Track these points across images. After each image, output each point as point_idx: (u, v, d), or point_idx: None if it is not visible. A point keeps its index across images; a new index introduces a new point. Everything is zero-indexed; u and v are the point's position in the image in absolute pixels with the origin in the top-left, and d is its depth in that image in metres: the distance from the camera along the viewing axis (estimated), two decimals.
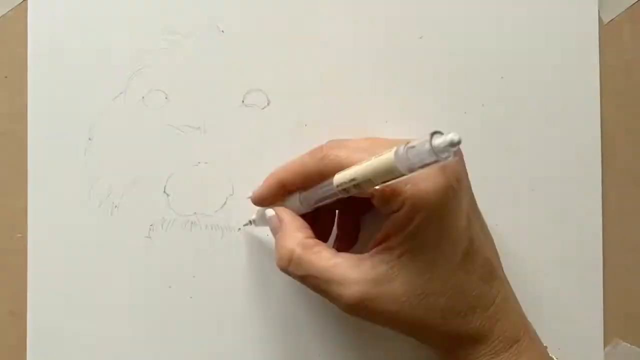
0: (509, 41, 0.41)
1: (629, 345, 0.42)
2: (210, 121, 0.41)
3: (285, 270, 0.35)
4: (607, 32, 0.42)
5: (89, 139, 0.41)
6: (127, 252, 0.41)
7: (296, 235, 0.35)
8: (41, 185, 0.40)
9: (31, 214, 0.40)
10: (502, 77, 0.41)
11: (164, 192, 0.40)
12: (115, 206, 0.41)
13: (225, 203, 0.41)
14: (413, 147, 0.28)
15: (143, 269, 0.41)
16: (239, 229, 0.40)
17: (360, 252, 0.34)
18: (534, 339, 0.35)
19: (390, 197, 0.32)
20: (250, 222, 0.39)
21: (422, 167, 0.28)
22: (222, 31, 0.41)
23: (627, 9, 0.42)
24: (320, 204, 0.35)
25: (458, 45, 0.41)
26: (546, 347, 0.36)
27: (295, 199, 0.36)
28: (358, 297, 0.33)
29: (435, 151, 0.27)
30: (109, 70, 0.40)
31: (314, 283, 0.34)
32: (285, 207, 0.37)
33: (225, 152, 0.40)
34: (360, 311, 0.33)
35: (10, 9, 0.41)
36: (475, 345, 0.34)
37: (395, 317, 0.33)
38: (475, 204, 0.35)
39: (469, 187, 0.35)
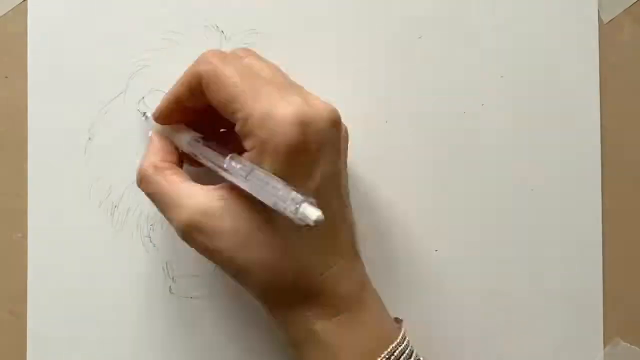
0: (509, 41, 0.41)
1: (628, 345, 0.42)
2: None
3: (138, 186, 0.36)
4: (607, 32, 0.42)
5: (89, 138, 0.41)
6: (127, 252, 0.41)
7: (154, 156, 0.36)
8: (41, 185, 0.40)
9: (31, 214, 0.40)
10: (502, 77, 0.41)
11: None
12: (115, 206, 0.41)
13: None
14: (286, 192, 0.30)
15: (143, 269, 0.41)
16: (138, 110, 0.40)
17: None
18: (370, 309, 0.35)
19: (246, 136, 0.32)
20: (144, 115, 0.40)
21: (281, 212, 0.29)
22: (222, 31, 0.41)
23: (627, 8, 0.42)
24: (199, 158, 0.35)
25: (458, 45, 0.41)
26: (400, 321, 0.36)
27: (186, 139, 0.36)
28: (186, 223, 0.33)
29: (298, 213, 0.29)
30: (109, 70, 0.40)
31: (158, 204, 0.35)
32: (176, 137, 0.37)
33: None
34: (188, 238, 0.34)
35: (10, 9, 0.41)
36: (300, 306, 0.34)
37: (219, 254, 0.33)
38: (340, 183, 0.35)
39: (334, 159, 0.34)
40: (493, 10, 0.41)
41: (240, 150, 0.33)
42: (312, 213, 0.28)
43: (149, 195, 0.36)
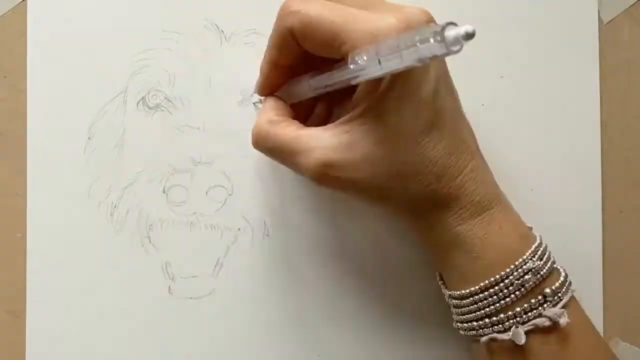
0: (509, 41, 0.41)
1: (628, 345, 0.42)
2: (210, 121, 0.41)
3: (256, 146, 0.36)
4: (607, 32, 0.42)
5: (89, 138, 0.41)
6: (127, 252, 0.40)
7: (268, 113, 0.36)
8: (41, 185, 0.40)
9: (31, 214, 0.40)
10: (502, 77, 0.41)
11: (164, 192, 0.40)
12: (115, 206, 0.41)
13: (224, 203, 0.41)
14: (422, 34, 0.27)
15: (142, 269, 0.41)
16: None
17: None
18: (507, 209, 0.35)
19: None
20: (257, 103, 0.40)
21: (431, 59, 0.27)
22: (222, 31, 0.41)
23: (627, 9, 0.42)
24: (330, 89, 0.35)
25: None
26: (530, 228, 0.36)
27: (306, 84, 0.36)
28: (319, 164, 0.33)
29: (447, 45, 0.26)
30: (109, 69, 0.40)
31: (280, 156, 0.35)
32: (294, 92, 0.37)
33: (225, 152, 0.40)
34: (323, 179, 0.33)
35: (10, 9, 0.41)
36: (442, 210, 0.34)
37: (357, 184, 0.33)
38: (449, 81, 0.35)
39: (442, 63, 0.34)
40: (493, 10, 0.41)
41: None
42: (459, 30, 0.26)
43: (269, 150, 0.35)
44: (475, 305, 0.34)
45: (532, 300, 0.33)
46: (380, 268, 0.41)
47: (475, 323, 0.34)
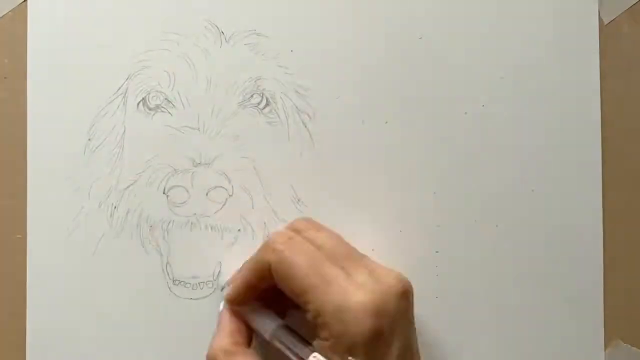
0: (509, 41, 0.41)
1: (629, 346, 0.41)
2: (210, 122, 0.41)
3: None
4: (608, 32, 0.42)
5: (89, 139, 0.41)
6: (127, 253, 0.40)
7: (224, 339, 0.37)
8: (40, 186, 0.40)
9: (30, 214, 0.40)
10: (502, 77, 0.41)
11: (164, 193, 0.40)
12: (115, 207, 0.40)
13: (224, 204, 0.40)
14: None
15: (143, 270, 0.40)
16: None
17: None
18: None
19: (320, 326, 0.33)
20: (222, 289, 0.40)
21: None
22: (222, 32, 0.41)
23: (628, 9, 0.42)
24: (285, 350, 0.36)
25: (458, 45, 0.41)
26: None
27: (268, 327, 0.36)
28: None
29: None
30: (109, 70, 0.40)
31: None
32: (256, 321, 0.37)
33: (225, 153, 0.40)
34: None
35: (10, 9, 0.41)
36: None
37: None
38: (412, 347, 0.35)
39: (407, 329, 0.34)
40: (493, 11, 0.41)
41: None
42: None
43: None
44: None
45: None
46: None
47: None
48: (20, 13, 0.41)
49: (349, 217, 0.41)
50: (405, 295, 0.34)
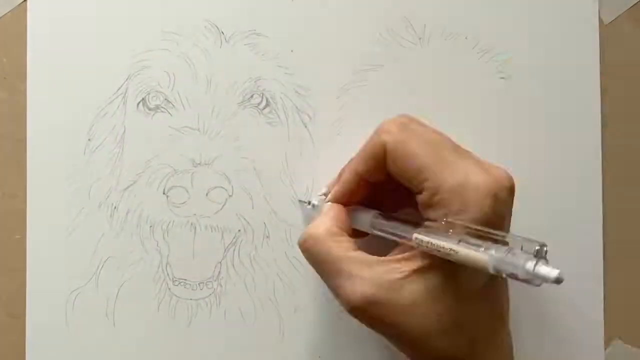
0: (509, 41, 0.41)
1: (629, 346, 0.41)
2: (210, 122, 0.40)
3: (303, 247, 0.35)
4: (608, 32, 0.42)
5: (89, 139, 0.41)
6: (127, 253, 0.40)
7: (329, 221, 0.35)
8: (40, 186, 0.40)
9: (30, 215, 0.40)
10: (502, 77, 0.41)
11: (164, 193, 0.40)
12: (115, 207, 0.40)
13: (224, 204, 0.40)
14: (514, 253, 0.28)
15: (142, 269, 0.40)
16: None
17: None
18: None
19: (434, 205, 0.32)
20: (309, 203, 0.39)
21: (509, 276, 0.29)
22: (222, 32, 0.41)
23: (628, 9, 0.42)
24: (386, 236, 0.35)
25: (458, 45, 0.41)
26: None
27: (368, 218, 0.36)
28: (363, 296, 0.32)
29: (533, 275, 0.28)
30: (109, 70, 0.40)
31: (325, 270, 0.34)
32: (357, 218, 0.36)
33: (225, 153, 0.40)
34: (361, 311, 0.32)
35: (10, 9, 0.41)
36: None
37: (394, 328, 0.32)
38: None
39: (508, 223, 0.34)
40: (493, 11, 0.41)
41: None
42: (550, 272, 0.28)
43: (314, 258, 0.35)
44: None
45: None
46: None
47: None
48: (19, 13, 0.41)
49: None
50: (512, 190, 0.33)
